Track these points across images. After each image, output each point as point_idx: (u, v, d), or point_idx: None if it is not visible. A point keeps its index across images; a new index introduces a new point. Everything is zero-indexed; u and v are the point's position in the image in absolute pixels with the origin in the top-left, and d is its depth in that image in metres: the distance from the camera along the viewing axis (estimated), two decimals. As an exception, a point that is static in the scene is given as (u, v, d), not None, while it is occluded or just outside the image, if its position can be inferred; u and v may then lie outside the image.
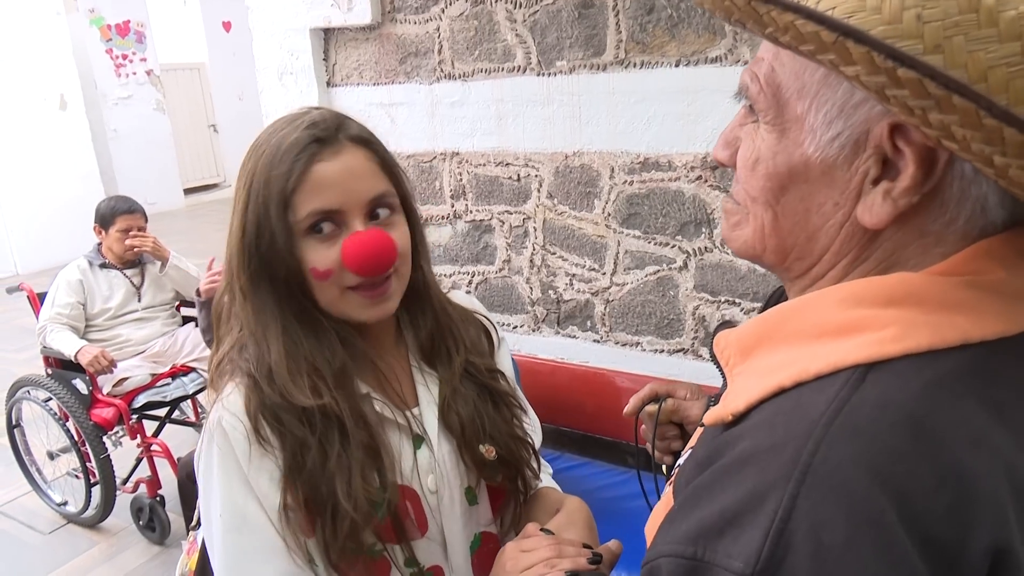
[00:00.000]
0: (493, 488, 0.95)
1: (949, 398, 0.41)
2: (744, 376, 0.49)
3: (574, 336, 2.51)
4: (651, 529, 0.54)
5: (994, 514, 0.39)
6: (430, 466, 0.89)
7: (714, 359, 0.54)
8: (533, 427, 1.03)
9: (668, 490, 0.58)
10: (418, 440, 0.89)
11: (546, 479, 1.06)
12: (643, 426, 0.97)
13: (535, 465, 0.98)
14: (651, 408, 0.93)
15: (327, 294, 0.83)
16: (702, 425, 0.55)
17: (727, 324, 0.58)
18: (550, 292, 2.50)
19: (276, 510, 0.79)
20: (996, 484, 0.40)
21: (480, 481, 0.92)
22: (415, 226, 0.89)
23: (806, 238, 0.50)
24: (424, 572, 0.88)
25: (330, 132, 0.81)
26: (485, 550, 0.94)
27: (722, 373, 0.53)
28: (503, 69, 2.35)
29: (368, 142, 0.84)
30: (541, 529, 0.87)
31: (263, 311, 0.83)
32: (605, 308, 2.40)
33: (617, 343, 2.41)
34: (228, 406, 0.82)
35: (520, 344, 2.61)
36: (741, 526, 0.40)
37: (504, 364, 1.03)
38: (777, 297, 0.64)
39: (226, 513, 0.80)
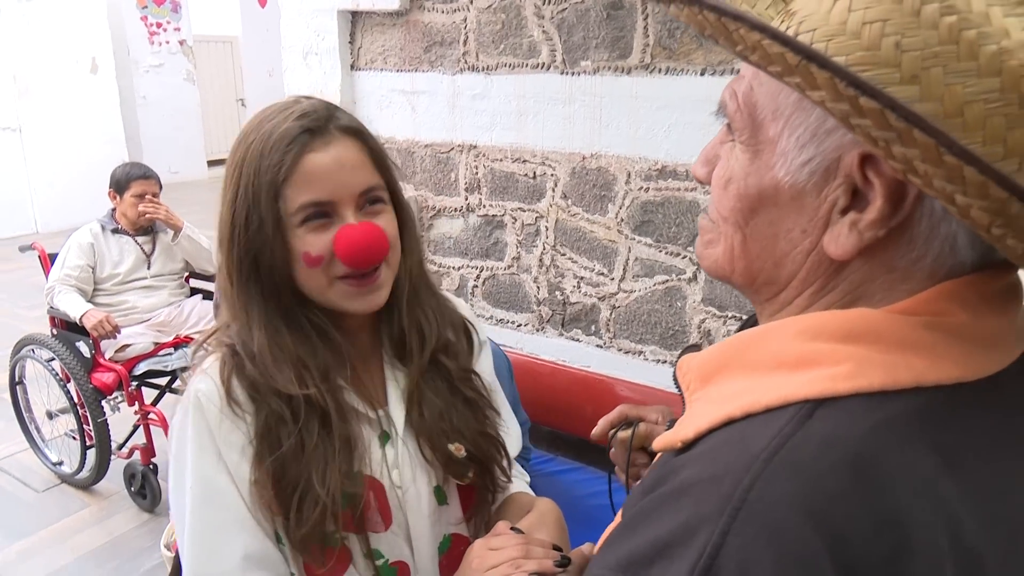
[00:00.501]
0: (463, 489, 0.94)
1: (896, 441, 0.39)
2: (701, 403, 0.48)
3: (577, 339, 2.49)
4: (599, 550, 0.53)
5: (930, 566, 0.37)
6: (395, 461, 0.89)
7: (676, 383, 0.52)
8: (509, 432, 1.02)
9: (620, 513, 0.57)
10: (384, 436, 0.89)
11: (521, 485, 1.05)
12: (613, 450, 0.94)
13: (505, 465, 0.97)
14: (624, 435, 0.90)
15: (315, 282, 0.82)
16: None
17: (693, 347, 0.57)
18: (557, 293, 2.48)
19: (247, 484, 0.80)
20: (935, 535, 0.38)
21: (448, 479, 0.91)
22: (403, 219, 0.89)
23: (773, 263, 0.49)
24: (388, 566, 0.88)
25: (321, 123, 0.80)
26: (455, 552, 0.93)
27: (683, 398, 0.51)
28: (527, 65, 2.33)
29: (359, 133, 0.83)
30: (511, 528, 0.86)
31: (248, 299, 0.83)
32: (611, 314, 2.38)
33: (620, 350, 2.38)
34: (206, 373, 0.83)
35: (523, 343, 2.59)
36: (671, 558, 0.39)
37: (484, 368, 1.02)
38: (753, 323, 0.62)
39: (197, 485, 0.80)
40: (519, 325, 2.62)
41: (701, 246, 0.54)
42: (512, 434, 1.04)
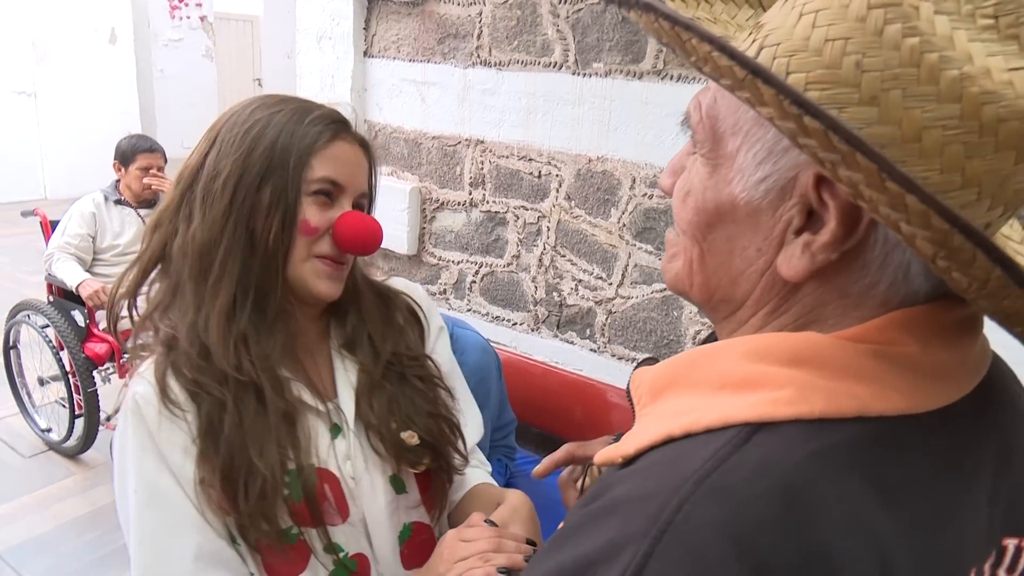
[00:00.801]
0: (421, 475, 0.93)
1: (833, 472, 0.38)
2: (649, 418, 0.46)
3: (572, 342, 2.47)
4: None
5: None
6: (347, 453, 0.88)
7: (629, 396, 0.51)
8: (467, 417, 1.03)
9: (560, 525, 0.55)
10: (336, 429, 0.89)
11: (483, 475, 1.05)
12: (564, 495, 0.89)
13: (461, 446, 0.97)
14: (589, 485, 0.87)
15: (299, 252, 0.85)
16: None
17: (649, 360, 0.55)
18: (554, 294, 2.47)
19: (192, 484, 0.79)
20: (865, 570, 0.36)
21: (401, 467, 0.91)
22: None
23: (729, 281, 0.48)
24: (347, 560, 0.87)
25: (348, 123, 0.89)
26: (417, 540, 0.92)
27: (633, 412, 0.50)
28: (539, 63, 2.31)
29: (368, 147, 0.92)
30: (485, 520, 0.85)
31: (230, 259, 0.82)
32: (607, 319, 2.36)
33: (613, 356, 2.37)
34: (143, 376, 0.81)
35: (517, 342, 2.58)
36: None
37: (441, 353, 1.02)
38: (714, 339, 0.61)
39: (141, 489, 0.78)
40: (514, 324, 2.60)
41: (665, 260, 0.53)
42: (472, 421, 1.04)
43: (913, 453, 0.41)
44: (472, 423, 1.04)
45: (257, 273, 0.82)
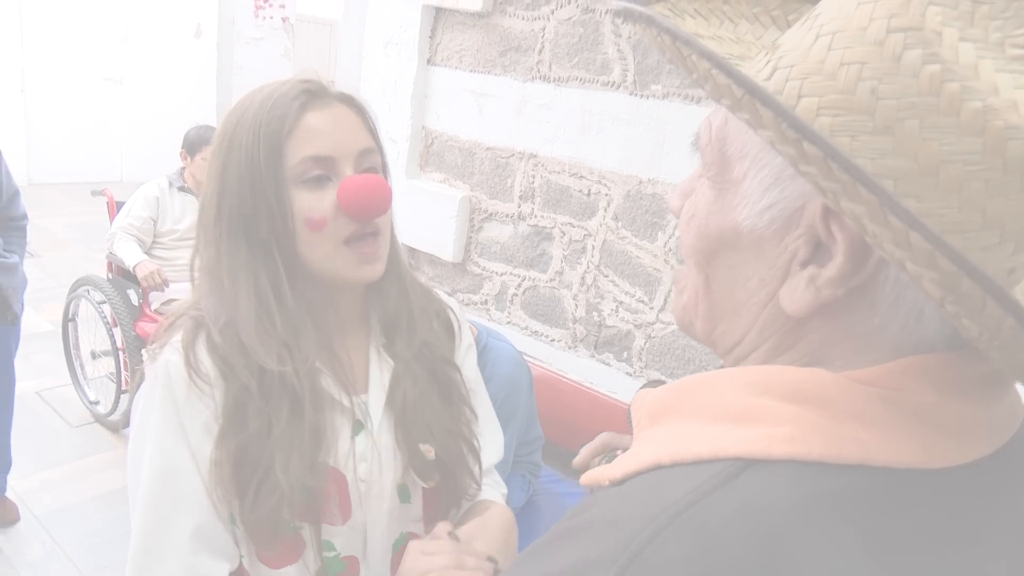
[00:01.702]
0: (429, 492, 0.91)
1: (823, 521, 0.35)
2: (644, 442, 0.44)
3: (608, 364, 2.44)
4: None
5: None
6: (364, 453, 0.86)
7: (629, 418, 0.49)
8: (487, 439, 1.00)
9: None
10: (358, 425, 0.87)
11: (493, 493, 1.02)
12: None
13: (476, 472, 0.94)
14: None
15: (321, 249, 0.81)
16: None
17: (656, 382, 0.53)
18: (594, 314, 2.44)
19: (207, 462, 0.78)
20: None
21: (410, 474, 0.88)
22: None
23: (732, 311, 0.45)
24: (339, 560, 0.86)
25: (319, 87, 0.83)
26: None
27: (633, 434, 0.48)
28: (598, 81, 2.30)
29: (353, 100, 0.86)
30: (449, 533, 0.84)
31: (237, 268, 0.80)
32: (645, 343, 2.32)
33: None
34: (174, 346, 0.81)
35: (553, 359, 2.56)
36: None
37: (467, 369, 0.99)
38: None
39: (156, 457, 0.78)
40: (552, 340, 2.59)
41: (674, 297, 0.51)
42: (491, 442, 1.01)
43: (917, 512, 0.37)
44: (491, 444, 1.01)
45: (269, 280, 0.81)
